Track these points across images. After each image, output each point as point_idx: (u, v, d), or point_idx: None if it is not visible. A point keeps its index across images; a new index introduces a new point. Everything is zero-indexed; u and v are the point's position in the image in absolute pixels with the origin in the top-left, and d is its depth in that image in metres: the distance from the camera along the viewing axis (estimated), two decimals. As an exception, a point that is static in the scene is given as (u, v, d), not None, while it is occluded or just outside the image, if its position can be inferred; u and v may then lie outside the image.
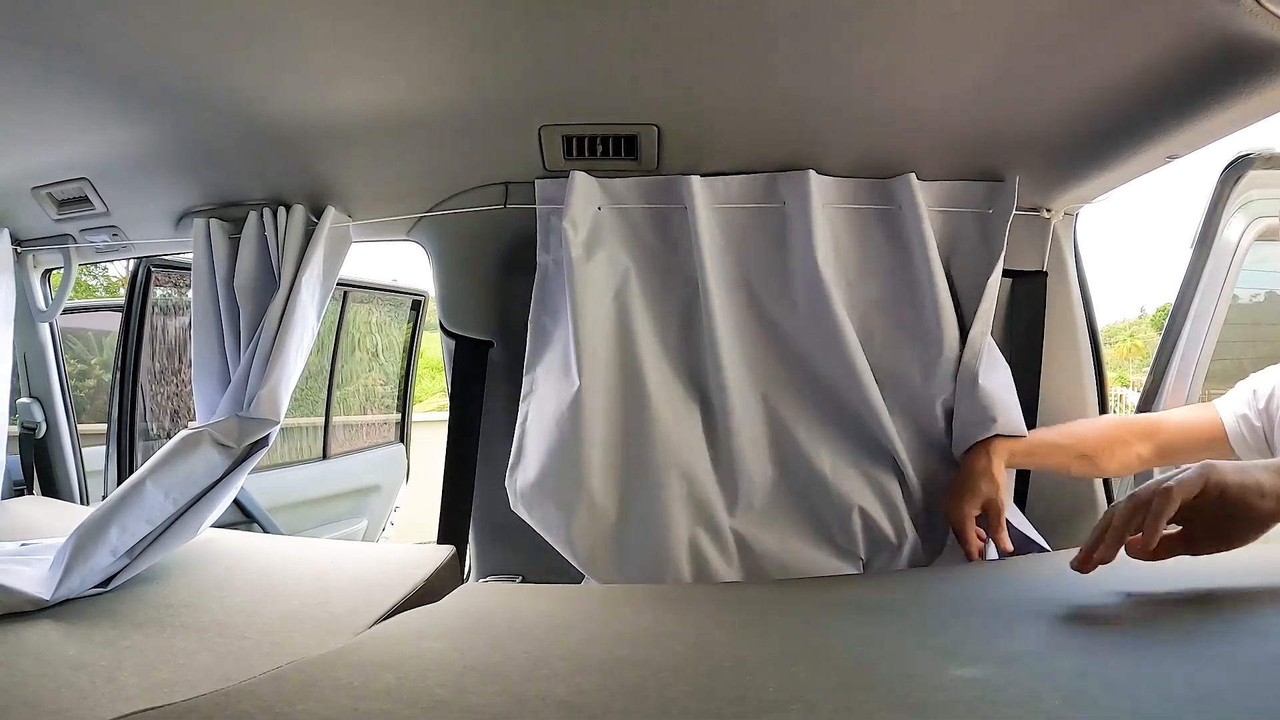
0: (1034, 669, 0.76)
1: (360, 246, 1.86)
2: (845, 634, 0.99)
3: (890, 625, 1.03)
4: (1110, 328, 20.38)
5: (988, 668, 0.75)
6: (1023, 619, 0.95)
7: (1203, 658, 0.72)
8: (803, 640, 0.98)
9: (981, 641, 0.88)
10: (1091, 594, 0.95)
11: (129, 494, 1.42)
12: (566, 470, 1.56)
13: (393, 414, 4.30)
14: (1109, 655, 0.77)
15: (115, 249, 2.04)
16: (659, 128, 1.48)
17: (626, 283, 1.63)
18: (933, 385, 1.58)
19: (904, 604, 1.19)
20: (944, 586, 1.33)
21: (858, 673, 0.79)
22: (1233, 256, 1.79)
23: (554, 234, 1.61)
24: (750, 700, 0.70)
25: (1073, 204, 1.63)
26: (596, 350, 1.58)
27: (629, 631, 1.04)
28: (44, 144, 1.60)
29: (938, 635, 0.94)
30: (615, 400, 1.60)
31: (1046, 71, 1.24)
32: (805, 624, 1.08)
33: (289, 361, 1.60)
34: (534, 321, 1.64)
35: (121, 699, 0.97)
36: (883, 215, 1.62)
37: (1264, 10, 0.96)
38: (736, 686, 0.75)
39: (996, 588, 1.27)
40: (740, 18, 1.14)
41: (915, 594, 1.28)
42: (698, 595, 1.39)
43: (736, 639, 0.99)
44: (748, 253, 1.62)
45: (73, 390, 2.39)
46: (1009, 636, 0.89)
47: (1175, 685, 0.65)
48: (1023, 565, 1.44)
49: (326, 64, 1.29)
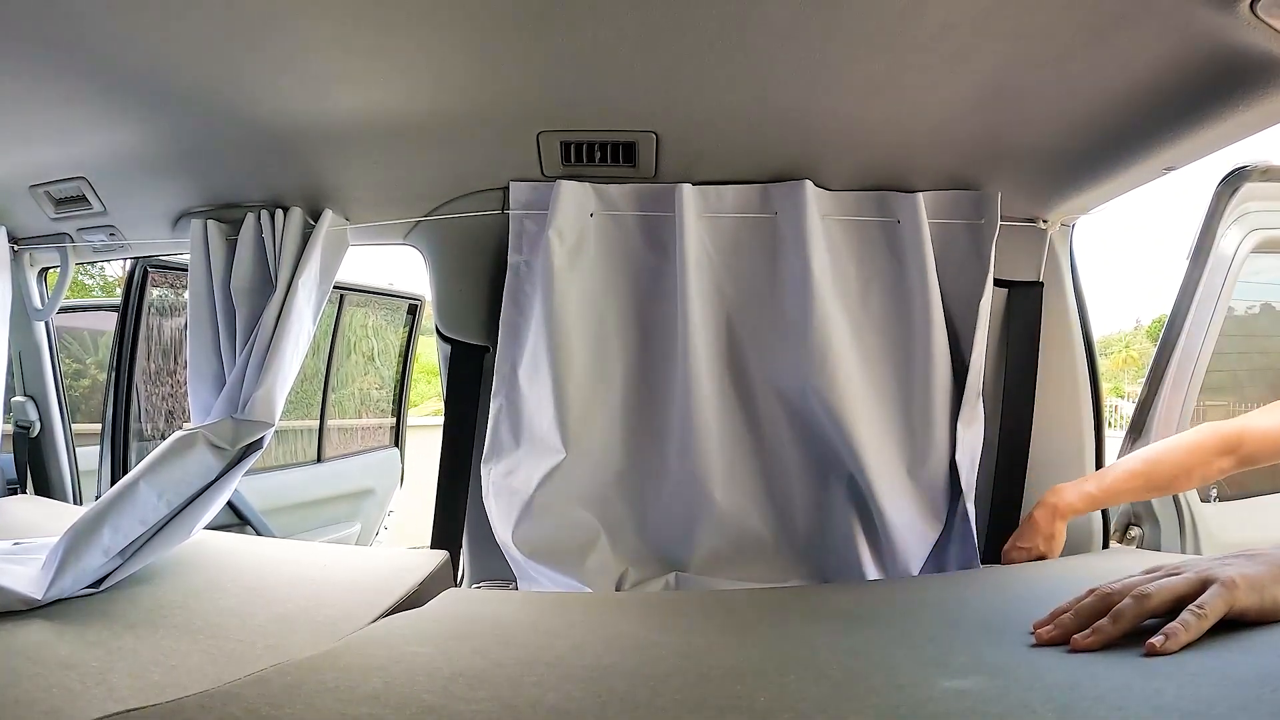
0: (1024, 680, 0.76)
1: (358, 251, 1.86)
2: (835, 643, 0.98)
3: (881, 635, 1.04)
4: (1106, 339, 20.46)
5: (979, 679, 0.75)
6: (1013, 629, 0.94)
7: (1194, 672, 0.71)
8: (793, 649, 0.99)
9: (972, 652, 0.88)
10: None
11: (122, 494, 1.41)
12: (537, 468, 1.62)
13: (388, 418, 4.30)
14: (1100, 668, 0.77)
15: (112, 249, 2.04)
16: (657, 135, 1.49)
17: (611, 289, 1.65)
18: (923, 401, 1.59)
19: (894, 613, 1.19)
20: (935, 595, 1.33)
21: (848, 683, 0.79)
22: (1229, 268, 1.79)
23: (526, 236, 1.64)
24: (741, 709, 0.70)
25: (1069, 215, 1.63)
26: (572, 355, 1.61)
27: (617, 639, 1.04)
28: (42, 143, 1.60)
29: (928, 645, 0.94)
30: (588, 406, 1.63)
31: (1043, 83, 1.25)
32: (795, 633, 1.09)
33: (284, 364, 1.60)
34: (506, 321, 1.66)
35: (113, 700, 0.96)
36: (880, 229, 1.62)
37: (1261, 23, 0.96)
38: (727, 695, 0.75)
39: (987, 597, 1.27)
40: (739, 27, 1.14)
41: (905, 603, 1.28)
42: (687, 603, 1.39)
43: (726, 647, 0.99)
44: (738, 262, 1.63)
45: (67, 390, 2.38)
46: (999, 647, 0.89)
47: (1166, 698, 0.65)
48: (1013, 574, 1.44)
49: (326, 67, 1.29)
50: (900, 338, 1.62)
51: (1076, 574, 1.24)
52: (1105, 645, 0.81)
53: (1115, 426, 2.24)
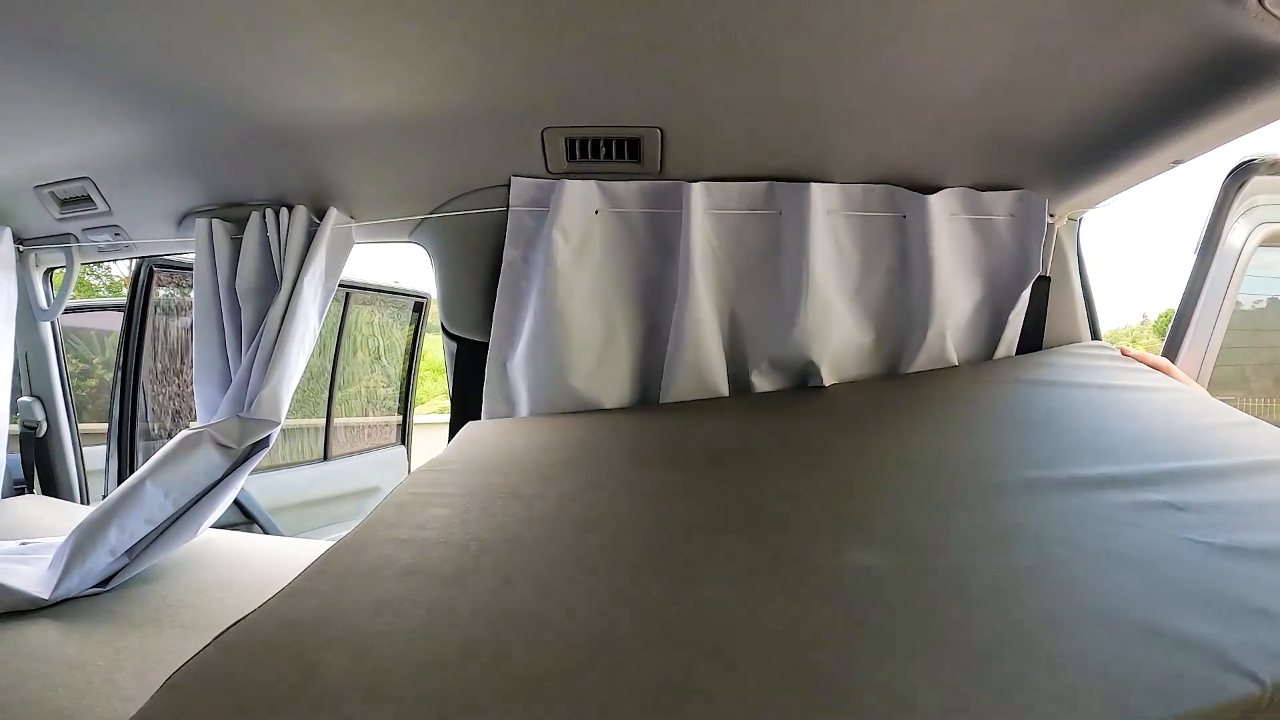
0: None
1: (363, 249, 1.86)
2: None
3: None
4: (1113, 333, 20.35)
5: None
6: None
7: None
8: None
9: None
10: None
11: (129, 494, 1.42)
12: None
13: (394, 416, 4.30)
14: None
15: (117, 248, 2.04)
16: (662, 131, 1.48)
17: (615, 285, 1.65)
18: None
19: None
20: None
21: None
22: (1236, 262, 1.78)
23: (524, 232, 1.65)
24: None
25: (1076, 209, 1.63)
26: (575, 351, 1.61)
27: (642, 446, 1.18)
28: (47, 143, 1.61)
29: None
30: (591, 401, 1.64)
31: (1050, 76, 1.24)
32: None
33: (290, 362, 1.60)
34: (499, 315, 1.66)
35: (119, 699, 0.97)
36: (885, 223, 1.62)
37: (1269, 15, 0.95)
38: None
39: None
40: (743, 22, 1.13)
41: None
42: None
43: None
44: (741, 257, 1.63)
45: (74, 390, 2.39)
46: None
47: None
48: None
49: (330, 65, 1.29)
50: (896, 327, 1.64)
51: None
52: None
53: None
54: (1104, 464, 1.08)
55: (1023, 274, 1.61)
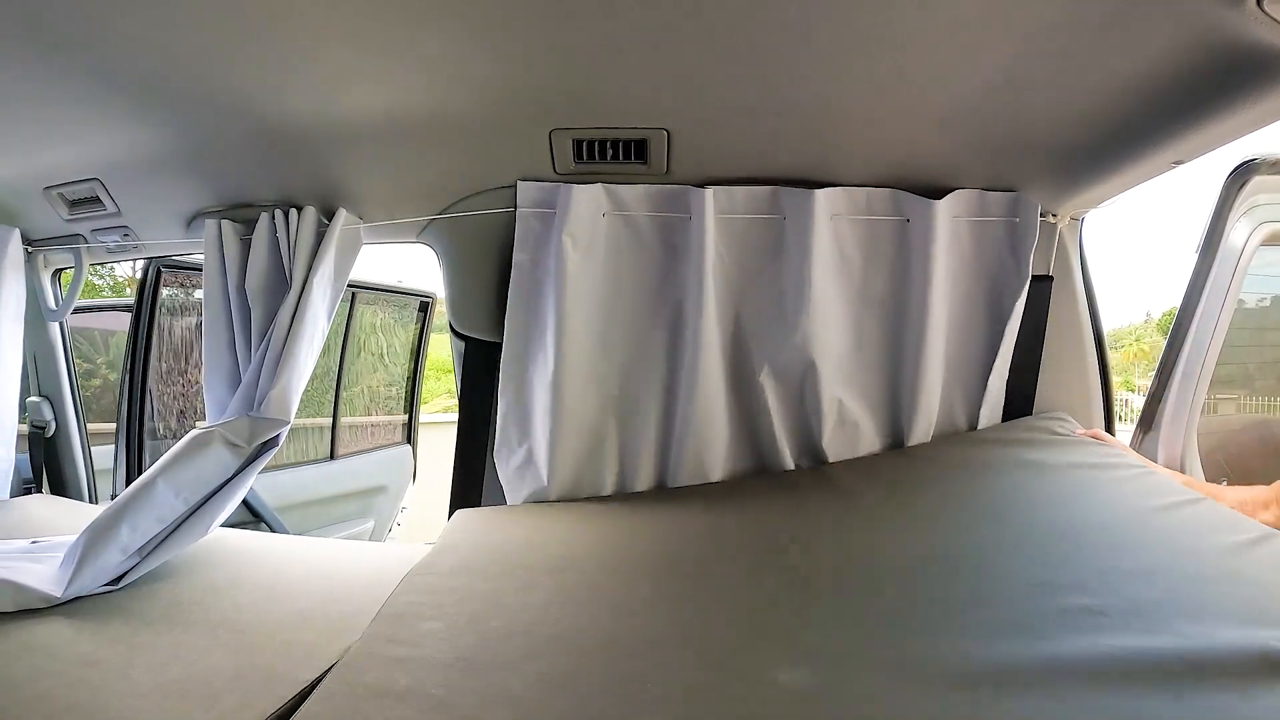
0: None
1: (369, 249, 1.87)
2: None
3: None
4: (1116, 332, 20.34)
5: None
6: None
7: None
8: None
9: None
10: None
11: (140, 493, 1.43)
12: (544, 457, 1.66)
13: (400, 415, 4.30)
14: None
15: (126, 249, 2.05)
16: (669, 132, 1.49)
17: (622, 288, 1.67)
18: (911, 388, 1.65)
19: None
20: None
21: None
22: (1238, 261, 1.78)
23: (533, 235, 1.67)
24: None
25: (1079, 209, 1.64)
26: (583, 353, 1.64)
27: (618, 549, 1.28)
28: (56, 144, 1.62)
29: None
30: (592, 399, 1.67)
31: (1053, 78, 1.25)
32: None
33: (299, 362, 1.61)
34: (511, 318, 1.68)
35: (134, 694, 0.98)
36: (888, 226, 1.63)
37: (1268, 18, 0.96)
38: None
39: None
40: (750, 23, 1.14)
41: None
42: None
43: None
44: (745, 258, 1.65)
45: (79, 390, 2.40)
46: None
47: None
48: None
49: (339, 67, 1.30)
50: (895, 327, 1.66)
51: None
52: None
53: (1125, 420, 2.23)
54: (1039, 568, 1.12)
55: (1019, 276, 1.62)
